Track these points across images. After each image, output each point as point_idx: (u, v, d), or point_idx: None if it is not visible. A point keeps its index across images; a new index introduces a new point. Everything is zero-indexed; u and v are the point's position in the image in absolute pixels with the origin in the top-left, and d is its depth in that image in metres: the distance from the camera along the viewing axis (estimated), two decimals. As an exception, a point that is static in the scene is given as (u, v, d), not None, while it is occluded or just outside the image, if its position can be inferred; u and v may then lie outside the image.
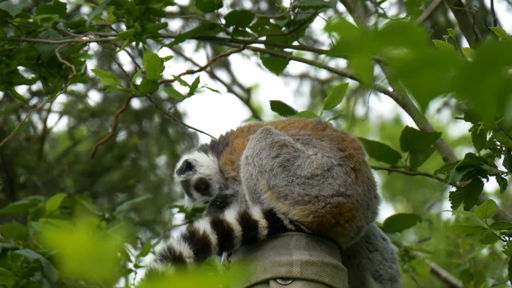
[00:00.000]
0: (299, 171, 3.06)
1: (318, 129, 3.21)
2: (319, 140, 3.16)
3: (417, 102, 1.42)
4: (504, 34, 3.21)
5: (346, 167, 3.09)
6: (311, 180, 3.05)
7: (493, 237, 3.23)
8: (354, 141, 3.20)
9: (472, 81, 1.40)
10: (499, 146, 3.25)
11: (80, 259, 1.40)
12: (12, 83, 3.84)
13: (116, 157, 7.31)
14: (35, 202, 4.17)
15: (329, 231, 3.07)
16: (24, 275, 3.77)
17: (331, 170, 3.07)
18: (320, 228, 3.05)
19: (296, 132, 3.21)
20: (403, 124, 3.80)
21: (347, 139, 3.20)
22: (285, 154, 3.09)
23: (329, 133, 3.20)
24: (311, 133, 3.19)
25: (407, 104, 4.14)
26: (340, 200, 3.04)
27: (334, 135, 3.19)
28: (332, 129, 3.23)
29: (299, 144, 3.15)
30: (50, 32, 3.79)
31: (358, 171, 3.12)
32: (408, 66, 1.36)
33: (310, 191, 3.04)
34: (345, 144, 3.16)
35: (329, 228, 3.06)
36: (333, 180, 3.06)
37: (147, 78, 3.58)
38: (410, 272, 4.60)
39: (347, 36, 1.34)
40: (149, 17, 3.68)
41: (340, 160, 3.10)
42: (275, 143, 3.10)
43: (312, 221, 3.04)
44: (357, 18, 4.17)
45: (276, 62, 4.18)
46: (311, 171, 3.06)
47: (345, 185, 3.06)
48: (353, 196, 3.07)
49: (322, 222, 3.04)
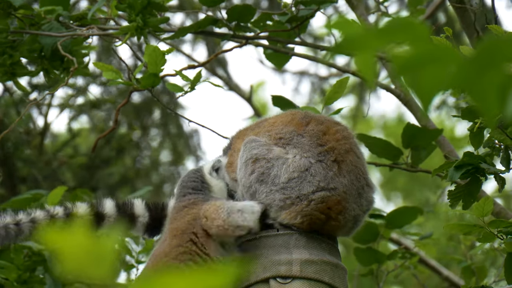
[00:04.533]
0: (276, 180, 3.05)
1: (302, 124, 3.18)
2: (301, 137, 3.13)
3: (419, 99, 1.43)
4: (501, 32, 3.21)
5: (326, 161, 3.07)
6: (289, 183, 3.04)
7: (491, 235, 3.23)
8: (337, 132, 3.16)
9: (473, 77, 1.40)
10: (497, 144, 3.26)
11: (78, 258, 1.40)
12: (15, 74, 3.84)
13: (115, 149, 7.31)
14: (38, 196, 4.17)
15: (324, 226, 3.05)
16: (26, 269, 3.78)
17: (309, 169, 3.05)
18: (313, 226, 3.03)
19: (280, 129, 3.19)
20: (406, 121, 3.81)
21: (330, 132, 3.15)
22: (258, 169, 3.08)
23: (311, 128, 3.16)
24: (295, 129, 3.16)
25: (409, 102, 4.14)
26: (323, 194, 3.02)
27: (316, 130, 3.15)
28: (316, 122, 3.19)
29: (277, 147, 3.13)
30: (53, 24, 3.80)
31: (342, 162, 3.08)
32: (410, 62, 1.37)
33: (290, 194, 3.03)
34: (325, 138, 3.12)
35: (322, 224, 3.04)
36: (312, 177, 3.04)
37: (148, 71, 3.58)
38: (412, 269, 4.61)
39: (350, 34, 1.35)
40: (151, 11, 3.68)
41: (318, 157, 3.07)
42: (249, 160, 3.11)
43: (302, 221, 3.02)
44: (360, 16, 4.17)
45: (278, 57, 4.18)
46: (288, 175, 3.04)
47: (325, 180, 3.03)
48: (338, 188, 3.04)
49: (312, 220, 3.02)
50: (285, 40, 4.04)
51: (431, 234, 4.48)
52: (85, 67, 3.89)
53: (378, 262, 4.27)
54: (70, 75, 3.73)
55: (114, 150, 7.32)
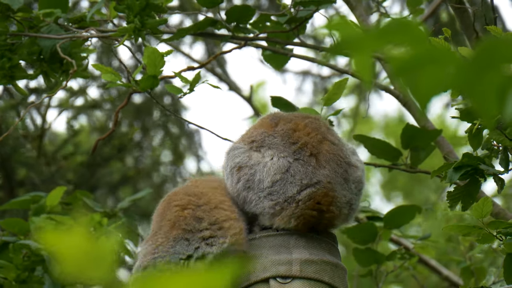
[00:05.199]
0: (261, 185, 3.05)
1: (271, 125, 3.17)
2: (272, 137, 3.13)
3: (417, 101, 1.43)
4: (500, 33, 3.21)
5: (302, 158, 3.06)
6: (274, 187, 3.04)
7: (490, 236, 3.24)
8: (306, 126, 3.14)
9: (472, 78, 1.40)
10: (496, 146, 3.26)
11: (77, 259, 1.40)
12: (14, 77, 3.84)
13: (116, 147, 7.31)
14: (37, 198, 4.17)
15: (320, 222, 3.05)
16: (25, 268, 3.78)
17: (289, 169, 3.04)
18: (309, 225, 3.03)
19: (251, 133, 3.19)
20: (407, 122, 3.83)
21: (299, 128, 3.14)
22: (244, 177, 3.08)
23: (280, 128, 3.15)
24: (265, 130, 3.17)
25: (408, 102, 4.14)
26: (308, 191, 3.01)
27: (285, 129, 3.14)
28: (285, 121, 3.18)
29: (254, 152, 3.13)
30: (52, 27, 3.80)
31: (318, 154, 3.07)
32: (408, 63, 1.37)
33: (278, 198, 3.02)
34: (296, 135, 3.11)
35: (317, 220, 3.04)
36: (293, 178, 3.03)
37: (147, 73, 3.58)
38: (411, 270, 4.60)
39: (348, 35, 1.35)
40: (150, 12, 3.68)
41: (294, 155, 3.06)
42: (233, 169, 3.11)
43: (296, 224, 3.02)
44: (359, 16, 4.17)
45: (277, 58, 4.18)
46: (271, 179, 3.04)
47: (307, 176, 3.03)
48: (322, 181, 3.03)
49: (306, 220, 3.02)
50: (284, 41, 4.04)
51: (429, 235, 4.49)
52: (84, 69, 3.89)
53: (377, 263, 4.27)
54: (69, 77, 3.74)
55: (115, 148, 7.32)
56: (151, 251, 2.99)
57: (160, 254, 2.97)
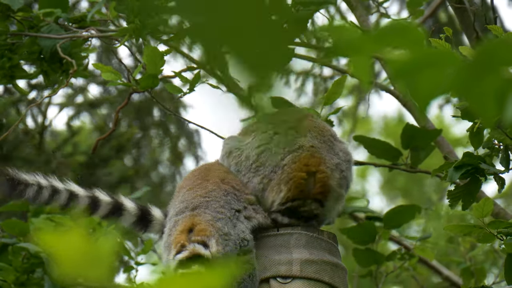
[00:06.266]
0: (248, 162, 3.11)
1: None
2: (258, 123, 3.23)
3: (417, 103, 1.42)
4: (501, 32, 3.21)
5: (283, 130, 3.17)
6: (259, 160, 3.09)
7: (491, 236, 3.23)
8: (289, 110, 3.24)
9: (471, 80, 1.40)
10: (497, 145, 3.26)
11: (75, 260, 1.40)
12: (14, 77, 3.84)
13: (114, 147, 7.30)
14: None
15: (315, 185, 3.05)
16: (24, 271, 3.77)
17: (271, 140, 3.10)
18: (302, 188, 3.04)
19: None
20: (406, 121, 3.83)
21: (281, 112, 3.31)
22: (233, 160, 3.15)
23: None
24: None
25: (408, 103, 4.14)
26: (292, 156, 3.06)
27: None
28: None
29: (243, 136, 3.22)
30: (52, 26, 3.80)
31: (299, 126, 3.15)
32: (407, 66, 1.37)
33: (264, 171, 3.07)
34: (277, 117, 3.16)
35: (311, 184, 3.05)
36: (277, 147, 3.09)
37: (147, 72, 3.58)
38: (411, 270, 4.60)
39: (347, 37, 1.35)
40: (150, 13, 3.68)
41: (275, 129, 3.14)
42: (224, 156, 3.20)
43: (288, 189, 3.04)
44: (359, 17, 4.17)
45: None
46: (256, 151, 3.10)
47: (289, 144, 3.08)
48: (304, 145, 3.09)
49: (296, 182, 3.04)
50: (284, 41, 4.03)
51: (429, 236, 4.48)
52: (84, 69, 3.89)
53: (377, 263, 4.27)
54: (70, 77, 3.73)
55: (113, 148, 7.31)
56: (201, 194, 3.02)
57: (213, 199, 3.00)
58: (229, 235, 2.91)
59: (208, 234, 2.90)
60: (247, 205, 3.03)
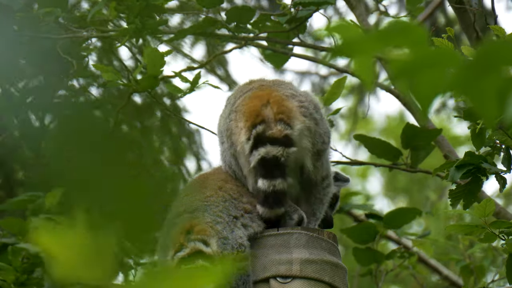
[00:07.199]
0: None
1: None
2: None
3: (418, 103, 1.42)
4: (503, 33, 3.21)
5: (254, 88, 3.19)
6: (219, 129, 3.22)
7: (492, 236, 3.23)
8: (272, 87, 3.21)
9: (472, 80, 1.40)
10: (498, 144, 3.26)
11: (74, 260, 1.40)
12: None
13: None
14: (34, 198, 4.16)
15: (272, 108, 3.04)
16: (24, 271, 3.77)
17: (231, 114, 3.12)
18: (258, 113, 3.02)
19: None
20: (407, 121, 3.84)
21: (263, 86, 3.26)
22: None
23: None
24: None
25: (408, 102, 4.14)
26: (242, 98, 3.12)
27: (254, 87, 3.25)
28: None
29: None
30: (52, 26, 3.79)
31: None
32: (408, 66, 1.37)
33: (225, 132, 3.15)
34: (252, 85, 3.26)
35: (268, 110, 3.03)
36: None
37: (147, 73, 3.58)
38: (410, 269, 4.60)
39: (348, 37, 1.35)
40: (150, 13, 3.68)
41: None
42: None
43: (246, 119, 3.04)
44: (359, 16, 4.17)
45: (277, 57, 4.19)
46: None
47: None
48: (253, 87, 3.15)
49: (251, 110, 3.04)
50: (284, 41, 4.04)
51: (429, 233, 4.49)
52: (84, 69, 3.89)
53: (376, 262, 4.27)
54: (70, 77, 3.73)
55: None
56: (200, 198, 3.04)
57: (212, 203, 3.03)
58: (227, 239, 2.94)
59: (208, 234, 2.93)
60: (244, 213, 3.05)
